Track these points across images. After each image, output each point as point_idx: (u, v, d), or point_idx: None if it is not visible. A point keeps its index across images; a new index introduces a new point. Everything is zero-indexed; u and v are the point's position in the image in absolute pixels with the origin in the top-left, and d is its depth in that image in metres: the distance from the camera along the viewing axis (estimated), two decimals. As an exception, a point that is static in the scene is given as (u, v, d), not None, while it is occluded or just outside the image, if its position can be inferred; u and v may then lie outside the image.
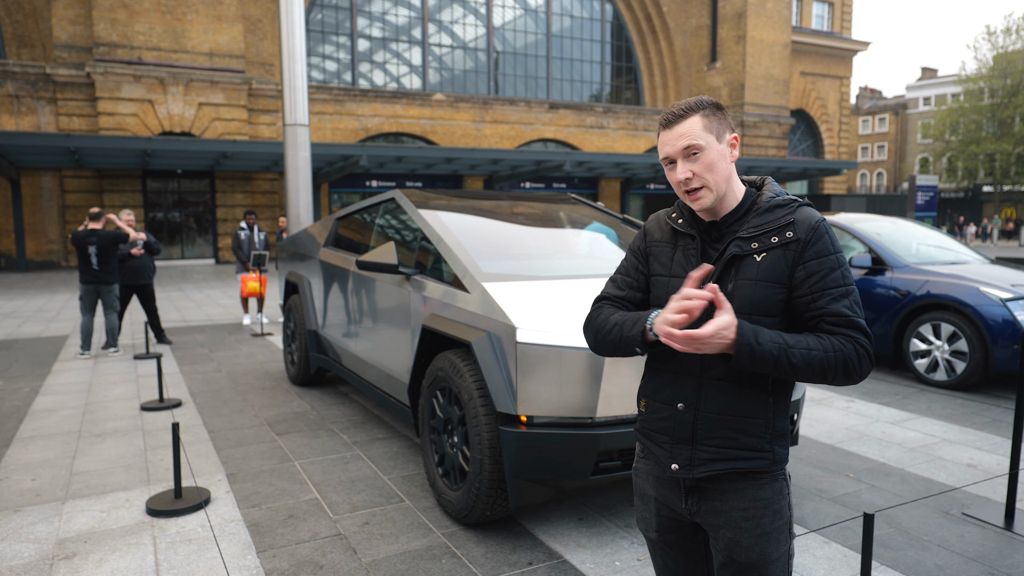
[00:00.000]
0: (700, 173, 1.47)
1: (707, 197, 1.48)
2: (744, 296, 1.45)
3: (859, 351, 1.41)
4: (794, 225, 1.47)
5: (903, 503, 3.54)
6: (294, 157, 10.20)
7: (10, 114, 20.77)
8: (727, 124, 1.51)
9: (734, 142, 1.52)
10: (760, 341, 1.37)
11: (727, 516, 1.52)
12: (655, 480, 1.63)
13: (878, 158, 61.25)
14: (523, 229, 4.27)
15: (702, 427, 1.50)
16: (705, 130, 1.47)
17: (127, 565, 2.89)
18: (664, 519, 1.64)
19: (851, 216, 7.32)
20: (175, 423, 3.43)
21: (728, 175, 1.50)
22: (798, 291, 1.46)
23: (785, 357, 1.38)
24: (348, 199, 26.88)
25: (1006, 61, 38.33)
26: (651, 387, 1.60)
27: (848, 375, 1.42)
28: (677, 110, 1.48)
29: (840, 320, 1.42)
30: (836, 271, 1.45)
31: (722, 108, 1.51)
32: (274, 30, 24.83)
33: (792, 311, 1.48)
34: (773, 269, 1.45)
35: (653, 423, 1.59)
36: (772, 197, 1.52)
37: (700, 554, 1.68)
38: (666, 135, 1.50)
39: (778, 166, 28.19)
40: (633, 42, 33.97)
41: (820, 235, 1.46)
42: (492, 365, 2.97)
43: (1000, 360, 5.60)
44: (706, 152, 1.46)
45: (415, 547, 3.05)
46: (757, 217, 1.50)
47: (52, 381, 6.32)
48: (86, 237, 7.41)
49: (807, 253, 1.45)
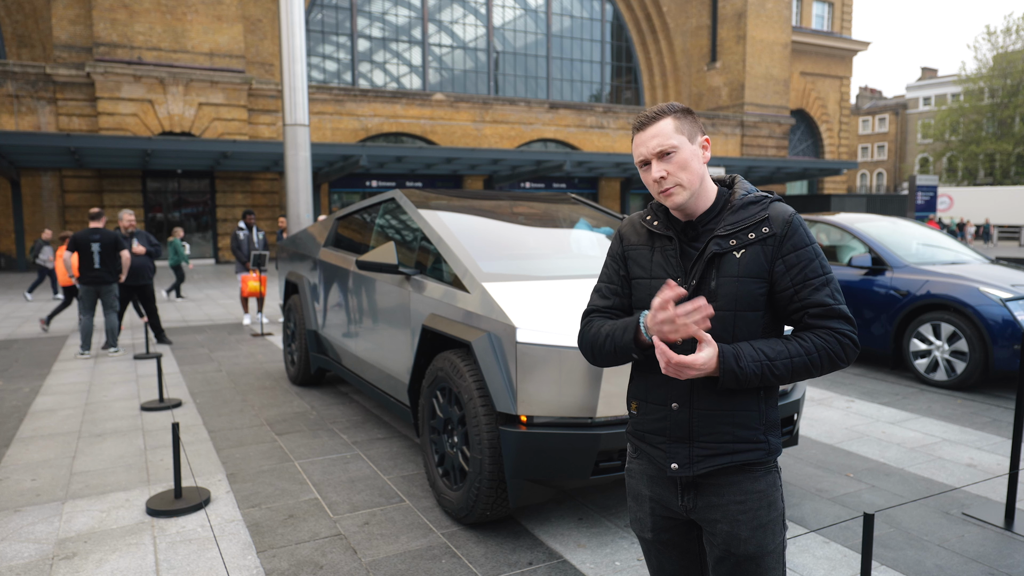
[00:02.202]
0: (674, 172, 1.52)
1: (680, 195, 1.52)
2: (728, 293, 1.49)
3: (842, 342, 1.47)
4: (769, 220, 1.51)
5: (903, 503, 3.54)
6: (294, 157, 10.20)
7: (10, 114, 20.77)
8: (698, 127, 1.57)
9: (706, 144, 1.58)
10: (742, 365, 1.44)
11: (724, 510, 1.54)
12: (649, 479, 1.64)
13: (878, 158, 61.26)
14: (523, 229, 4.27)
15: (698, 424, 1.53)
16: (677, 131, 1.52)
17: (127, 565, 2.89)
18: (659, 518, 1.65)
19: (851, 216, 7.32)
20: (175, 423, 3.43)
21: (701, 175, 1.55)
22: (779, 284, 1.50)
23: (769, 371, 1.46)
24: (348, 199, 26.89)
25: (1006, 61, 38.34)
26: (641, 389, 1.62)
27: (834, 366, 1.49)
28: (649, 113, 1.55)
29: (822, 311, 1.48)
30: (814, 261, 1.50)
31: (692, 112, 1.57)
32: (274, 30, 24.83)
33: (776, 305, 1.53)
34: (753, 265, 1.49)
35: (646, 424, 1.61)
36: (744, 195, 1.57)
37: (694, 552, 1.69)
38: (640, 137, 1.55)
39: (778, 166, 28.19)
40: (633, 42, 33.98)
41: (795, 228, 1.51)
42: (492, 365, 2.97)
43: (1000, 360, 5.60)
44: (679, 152, 1.51)
45: (415, 547, 3.05)
46: (732, 215, 1.54)
47: (52, 381, 6.32)
48: (89, 236, 7.39)
49: (785, 247, 1.50)
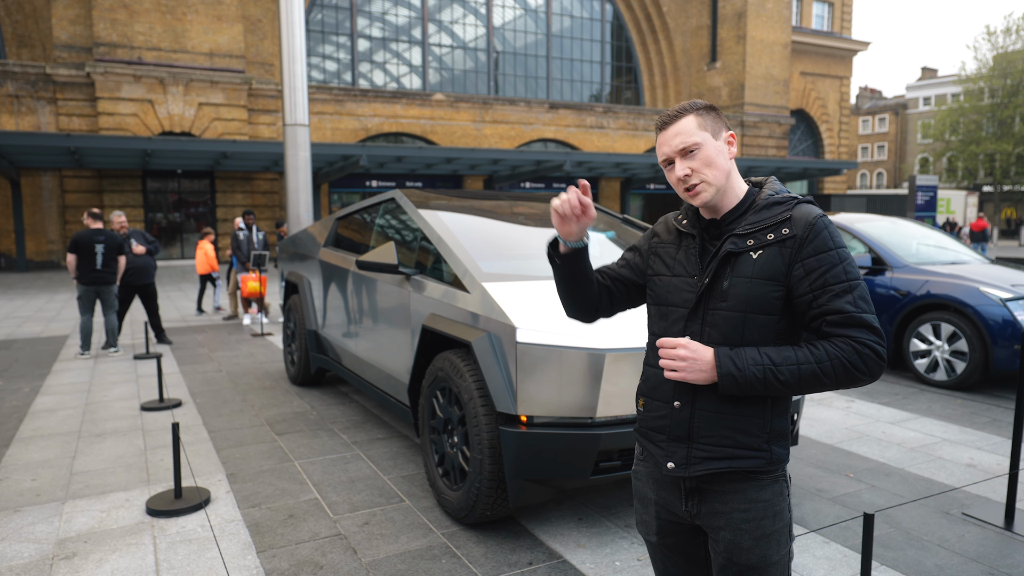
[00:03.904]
0: (698, 169, 1.49)
1: (706, 192, 1.49)
2: (740, 293, 1.45)
3: (861, 351, 1.37)
4: (791, 222, 1.45)
5: (903, 503, 3.54)
6: (294, 157, 10.20)
7: (10, 114, 20.76)
8: (722, 123, 1.53)
9: (731, 139, 1.54)
10: (740, 367, 1.39)
11: (727, 518, 1.51)
12: (655, 483, 1.62)
13: (878, 158, 61.24)
14: (523, 229, 4.26)
15: (698, 425, 1.49)
16: (700, 128, 1.49)
17: (127, 565, 2.89)
18: (664, 522, 1.63)
19: (851, 216, 7.32)
20: (175, 423, 3.43)
21: (727, 171, 1.51)
22: (798, 290, 1.43)
23: (773, 377, 1.39)
24: (348, 199, 26.87)
25: (1006, 61, 38.31)
26: (649, 385, 1.60)
27: (852, 379, 1.38)
28: (671, 112, 1.53)
29: (841, 318, 1.38)
30: (837, 266, 1.41)
31: (715, 109, 1.54)
32: (274, 30, 24.82)
33: (795, 311, 1.47)
34: (769, 267, 1.44)
35: (650, 422, 1.59)
36: (771, 195, 1.52)
37: (700, 557, 1.67)
38: (662, 136, 1.53)
39: (778, 166, 28.18)
40: (633, 42, 33.96)
41: (818, 231, 1.43)
42: (492, 365, 2.97)
43: (1000, 360, 5.60)
44: (703, 148, 1.48)
45: (415, 547, 3.05)
46: (755, 214, 1.50)
47: (52, 381, 6.32)
48: (92, 236, 7.37)
49: (805, 250, 1.42)
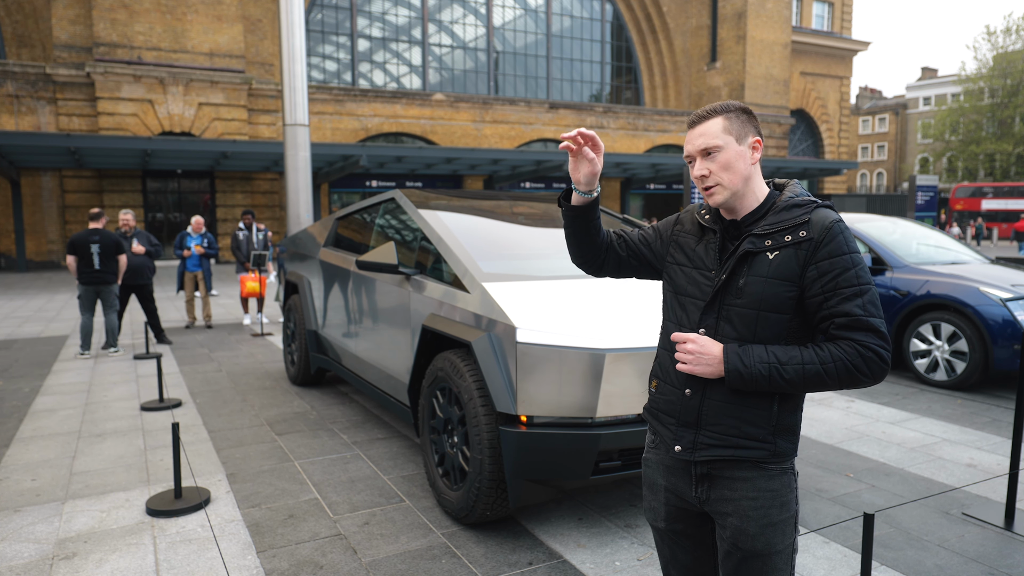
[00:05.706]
0: (715, 171, 1.53)
1: (720, 194, 1.54)
2: (754, 292, 1.50)
3: (864, 354, 1.42)
4: (808, 225, 1.49)
5: (903, 503, 3.54)
6: (294, 157, 10.20)
7: (10, 114, 20.77)
8: (752, 128, 1.56)
9: (757, 145, 1.57)
10: (746, 363, 1.45)
11: (736, 504, 1.55)
12: (665, 469, 1.67)
13: (878, 158, 61.23)
14: (523, 229, 4.26)
15: (707, 413, 1.55)
16: (724, 131, 1.53)
17: (127, 565, 2.89)
18: (672, 508, 1.68)
19: (851, 216, 7.33)
20: (175, 423, 3.43)
21: (747, 175, 1.55)
22: (810, 291, 1.48)
23: (778, 375, 1.46)
24: (348, 199, 26.88)
25: (1006, 61, 38.33)
26: (663, 368, 1.67)
27: (854, 380, 1.44)
28: (702, 112, 1.57)
29: (848, 321, 1.43)
30: (850, 271, 1.45)
31: (748, 112, 1.57)
32: (274, 30, 24.82)
33: (806, 312, 1.51)
34: (784, 267, 1.48)
35: (661, 403, 1.65)
36: (791, 197, 1.56)
37: (707, 544, 1.71)
38: (689, 134, 1.59)
39: (778, 166, 28.19)
40: (633, 42, 33.98)
41: (834, 235, 1.47)
42: (492, 365, 2.97)
43: (1000, 360, 5.60)
44: (723, 152, 1.52)
45: (415, 547, 3.05)
46: (774, 215, 1.54)
47: (52, 381, 6.32)
48: (88, 237, 7.40)
49: (819, 253, 1.47)
